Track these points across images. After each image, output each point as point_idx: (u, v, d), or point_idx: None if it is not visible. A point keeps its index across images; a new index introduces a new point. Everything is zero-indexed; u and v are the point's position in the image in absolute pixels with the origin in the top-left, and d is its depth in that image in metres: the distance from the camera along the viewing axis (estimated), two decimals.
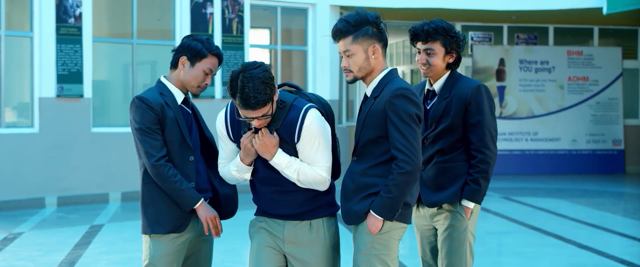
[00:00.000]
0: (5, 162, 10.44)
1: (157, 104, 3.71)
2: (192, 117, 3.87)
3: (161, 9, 12.18)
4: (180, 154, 3.74)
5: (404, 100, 3.43)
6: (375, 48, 3.53)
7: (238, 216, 4.28)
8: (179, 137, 3.74)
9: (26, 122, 10.87)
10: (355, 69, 3.55)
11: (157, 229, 3.72)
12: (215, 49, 3.81)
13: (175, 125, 3.73)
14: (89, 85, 10.99)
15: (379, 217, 3.46)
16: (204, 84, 3.80)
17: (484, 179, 4.06)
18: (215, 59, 3.81)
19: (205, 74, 3.78)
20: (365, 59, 3.53)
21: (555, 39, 16.43)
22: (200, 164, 3.84)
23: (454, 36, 4.14)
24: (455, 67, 4.20)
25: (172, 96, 3.78)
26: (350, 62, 3.55)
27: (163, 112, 3.71)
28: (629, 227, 9.60)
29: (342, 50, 3.55)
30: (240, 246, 8.25)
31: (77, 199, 10.91)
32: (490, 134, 4.08)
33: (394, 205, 3.44)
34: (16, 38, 10.87)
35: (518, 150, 15.54)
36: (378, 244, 3.48)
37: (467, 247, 4.12)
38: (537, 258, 7.48)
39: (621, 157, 15.89)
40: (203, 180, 3.83)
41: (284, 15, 13.02)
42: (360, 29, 3.51)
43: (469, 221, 4.13)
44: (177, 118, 3.74)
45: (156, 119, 3.70)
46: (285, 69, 14.35)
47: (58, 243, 8.12)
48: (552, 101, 15.74)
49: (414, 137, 3.41)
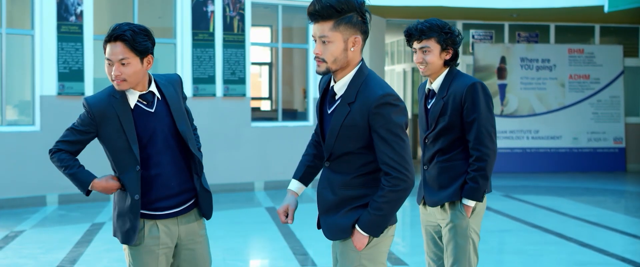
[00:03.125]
0: (6, 160, 10.44)
1: (98, 109, 3.52)
2: (157, 117, 3.57)
3: (162, 7, 12.18)
4: (124, 163, 3.53)
5: (390, 109, 3.10)
6: (357, 39, 3.14)
7: (238, 215, 4.27)
8: (123, 145, 3.52)
9: (27, 120, 10.87)
10: (330, 60, 3.15)
11: (118, 236, 3.62)
12: (107, 35, 3.48)
13: (120, 132, 3.51)
14: (90, 83, 11.00)
15: (365, 234, 3.19)
16: (113, 76, 3.47)
17: (481, 177, 4.05)
18: (110, 45, 3.46)
19: (108, 66, 3.49)
20: (343, 50, 3.14)
21: (557, 37, 16.42)
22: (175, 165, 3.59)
23: (449, 33, 4.13)
24: (453, 63, 4.19)
25: (124, 97, 3.54)
26: (325, 50, 3.14)
27: (103, 117, 3.51)
28: (630, 225, 9.60)
29: (318, 35, 3.16)
30: (241, 244, 8.25)
31: (79, 197, 10.91)
32: (487, 131, 4.05)
33: (383, 222, 3.18)
34: (17, 36, 10.87)
35: (519, 148, 15.53)
36: (366, 261, 3.23)
37: (470, 245, 4.12)
38: (538, 256, 7.48)
39: (622, 155, 15.88)
40: (180, 182, 3.61)
41: (285, 13, 13.02)
42: (345, 15, 3.12)
43: (471, 219, 4.13)
44: (123, 124, 3.51)
45: (92, 123, 3.55)
46: (286, 67, 14.36)
47: (59, 241, 8.12)
48: (553, 99, 15.73)
49: (405, 149, 3.11)
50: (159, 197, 3.58)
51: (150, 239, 3.59)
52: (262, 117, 13.32)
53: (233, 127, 12.15)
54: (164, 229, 3.61)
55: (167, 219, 3.62)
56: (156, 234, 3.60)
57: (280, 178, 12.51)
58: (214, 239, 8.04)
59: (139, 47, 3.47)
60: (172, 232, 3.63)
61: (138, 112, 3.56)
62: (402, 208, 11.52)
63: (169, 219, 3.62)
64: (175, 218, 3.64)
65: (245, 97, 12.29)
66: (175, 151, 3.61)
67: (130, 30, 3.46)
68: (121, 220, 3.59)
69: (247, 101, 12.37)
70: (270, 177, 12.54)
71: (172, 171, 3.59)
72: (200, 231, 3.72)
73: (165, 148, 3.58)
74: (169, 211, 3.61)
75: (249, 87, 12.38)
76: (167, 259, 3.65)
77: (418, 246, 7.61)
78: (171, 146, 3.59)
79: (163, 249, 3.61)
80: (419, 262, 7.14)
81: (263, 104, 16.60)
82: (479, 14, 15.02)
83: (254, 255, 8.18)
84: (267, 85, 16.36)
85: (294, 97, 14.88)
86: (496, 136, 4.13)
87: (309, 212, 10.44)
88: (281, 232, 8.52)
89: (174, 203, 3.62)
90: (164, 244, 3.61)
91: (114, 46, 3.47)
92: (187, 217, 3.67)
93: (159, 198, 3.58)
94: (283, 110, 13.31)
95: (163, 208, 3.60)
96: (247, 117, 12.36)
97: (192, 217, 3.70)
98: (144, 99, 3.57)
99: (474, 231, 4.14)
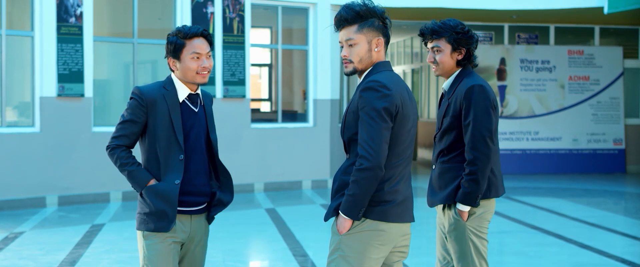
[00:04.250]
0: (6, 162, 10.44)
1: (149, 97, 3.69)
2: (198, 117, 3.78)
3: (162, 8, 12.18)
4: (167, 150, 3.68)
5: (372, 93, 3.30)
6: (379, 41, 3.42)
7: (238, 216, 4.28)
8: (169, 134, 3.67)
9: (27, 121, 10.87)
10: (356, 60, 3.42)
11: (145, 226, 3.69)
12: (191, 31, 3.70)
13: (167, 120, 3.67)
14: (89, 85, 10.99)
15: (345, 216, 3.31)
16: (201, 68, 3.70)
17: (472, 182, 3.99)
18: (196, 40, 3.70)
19: (196, 59, 3.69)
20: (368, 50, 3.41)
21: (556, 38, 16.42)
22: (202, 165, 3.76)
23: (461, 33, 4.12)
24: (466, 63, 4.18)
25: (175, 92, 3.73)
26: (351, 52, 3.42)
27: (154, 105, 3.68)
28: (630, 226, 9.60)
29: (344, 39, 3.43)
30: (241, 245, 8.25)
31: (78, 198, 10.91)
32: (481, 135, 4.00)
33: (356, 203, 3.28)
34: (17, 37, 10.87)
35: (519, 149, 15.53)
36: (345, 246, 3.33)
37: (471, 248, 4.08)
38: (538, 257, 7.47)
39: (622, 157, 15.88)
40: (202, 183, 3.76)
41: (284, 15, 13.02)
42: (367, 20, 3.40)
43: (471, 222, 4.09)
44: (171, 114, 3.68)
45: (142, 110, 3.69)
46: (286, 69, 14.36)
47: (59, 242, 8.12)
48: (553, 100, 15.74)
49: (377, 133, 3.26)
50: (183, 192, 3.71)
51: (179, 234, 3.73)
52: (262, 119, 13.31)
53: (233, 129, 12.14)
54: (179, 224, 3.73)
55: (183, 215, 3.74)
56: (173, 227, 3.70)
57: (280, 179, 12.50)
58: (214, 241, 8.04)
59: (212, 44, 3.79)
60: (185, 228, 3.75)
61: (184, 107, 3.75)
62: None
63: (185, 215, 3.74)
64: (189, 216, 3.76)
65: (245, 99, 12.29)
66: (203, 154, 3.78)
67: (206, 30, 3.76)
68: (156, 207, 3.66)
69: (247, 102, 12.37)
70: (270, 178, 12.54)
71: (197, 171, 3.75)
72: (204, 235, 3.84)
73: (197, 148, 3.75)
74: (187, 208, 3.74)
75: (248, 89, 12.38)
76: (177, 253, 3.75)
77: (419, 247, 7.60)
78: (201, 148, 3.77)
79: (176, 243, 3.73)
80: (419, 264, 7.13)
81: (263, 105, 16.59)
82: (479, 16, 15.03)
83: (253, 256, 8.17)
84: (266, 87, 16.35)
85: (293, 98, 14.88)
86: (495, 139, 4.06)
87: (308, 214, 10.45)
88: (281, 234, 8.52)
89: (193, 201, 3.75)
90: (178, 238, 3.73)
91: (201, 41, 3.72)
92: (199, 218, 3.80)
93: (183, 192, 3.71)
94: (283, 111, 13.31)
95: (183, 204, 3.72)
96: (246, 118, 12.36)
97: (202, 220, 3.83)
98: (190, 99, 3.78)
99: (474, 234, 4.09)
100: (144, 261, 3.72)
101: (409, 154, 3.47)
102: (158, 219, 3.66)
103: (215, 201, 3.80)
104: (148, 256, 3.69)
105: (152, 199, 3.66)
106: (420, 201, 12.25)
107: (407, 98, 3.41)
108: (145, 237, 3.70)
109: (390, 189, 3.35)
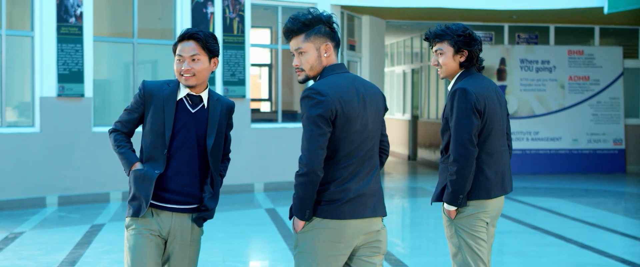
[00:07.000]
0: (6, 162, 10.44)
1: (149, 91, 3.82)
2: (194, 118, 3.82)
3: (162, 8, 12.18)
4: (154, 143, 3.79)
5: (307, 101, 3.39)
6: (328, 46, 3.48)
7: (238, 216, 4.30)
8: (159, 127, 3.77)
9: (27, 121, 10.87)
10: (307, 68, 3.50)
11: (127, 213, 3.84)
12: (181, 34, 3.82)
13: (160, 115, 3.78)
14: (89, 85, 10.99)
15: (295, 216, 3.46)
16: (182, 71, 3.78)
17: (454, 182, 4.10)
18: (183, 43, 3.80)
19: (179, 61, 3.80)
20: (317, 57, 3.48)
21: (556, 38, 16.42)
22: (188, 166, 3.80)
23: (462, 35, 4.22)
24: (469, 65, 4.26)
25: (175, 90, 3.83)
26: (301, 60, 3.49)
27: (152, 99, 3.81)
28: (630, 226, 9.60)
29: (294, 48, 3.51)
30: (241, 245, 8.25)
31: (78, 198, 10.91)
32: (460, 137, 4.08)
33: (300, 205, 3.40)
34: (17, 37, 10.88)
35: (519, 149, 15.53)
36: (301, 243, 3.47)
37: (463, 247, 4.18)
38: (538, 257, 7.48)
39: (622, 157, 15.88)
40: (187, 183, 3.79)
41: (284, 15, 13.02)
42: (313, 28, 3.47)
43: (459, 221, 4.19)
44: (165, 109, 3.78)
45: (140, 101, 3.84)
46: (286, 69, 14.36)
47: (59, 242, 8.12)
48: (553, 101, 15.74)
49: (310, 139, 3.35)
50: (164, 188, 3.76)
51: (144, 222, 3.79)
52: (262, 119, 13.32)
53: (233, 129, 12.13)
54: (157, 217, 3.79)
55: (162, 211, 3.79)
56: (149, 219, 3.78)
57: (280, 179, 12.51)
58: (214, 241, 8.05)
59: (210, 47, 3.81)
60: (163, 223, 3.80)
61: (181, 106, 3.82)
62: (402, 209, 11.52)
63: (164, 211, 3.79)
64: (170, 213, 3.80)
65: (245, 99, 12.29)
66: (194, 156, 3.82)
67: (202, 32, 3.83)
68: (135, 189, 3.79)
69: (247, 102, 12.37)
70: (270, 178, 12.54)
71: (181, 170, 3.78)
72: (192, 236, 3.85)
73: (185, 147, 3.80)
74: (166, 204, 3.78)
75: (248, 89, 12.39)
76: (159, 247, 3.80)
77: (418, 247, 7.61)
78: (191, 149, 3.81)
79: (154, 234, 3.79)
80: (419, 264, 7.14)
81: (263, 105, 16.59)
82: (479, 16, 15.03)
83: (253, 256, 8.18)
84: (266, 87, 16.34)
85: (293, 98, 14.88)
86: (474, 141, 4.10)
87: None
88: (281, 234, 8.52)
89: (174, 199, 3.78)
90: (154, 230, 3.79)
91: (186, 43, 3.80)
92: (182, 218, 3.82)
93: (163, 189, 3.76)
94: (283, 111, 13.31)
95: (162, 199, 3.78)
96: (246, 118, 12.36)
97: (187, 220, 3.84)
98: (190, 99, 3.84)
99: (465, 233, 4.18)
100: (125, 251, 3.82)
101: (365, 152, 3.46)
102: (135, 202, 3.78)
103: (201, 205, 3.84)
104: (128, 246, 3.79)
105: (133, 182, 3.79)
106: (420, 200, 12.25)
107: (352, 99, 3.43)
108: (127, 227, 3.82)
109: (338, 188, 3.40)
